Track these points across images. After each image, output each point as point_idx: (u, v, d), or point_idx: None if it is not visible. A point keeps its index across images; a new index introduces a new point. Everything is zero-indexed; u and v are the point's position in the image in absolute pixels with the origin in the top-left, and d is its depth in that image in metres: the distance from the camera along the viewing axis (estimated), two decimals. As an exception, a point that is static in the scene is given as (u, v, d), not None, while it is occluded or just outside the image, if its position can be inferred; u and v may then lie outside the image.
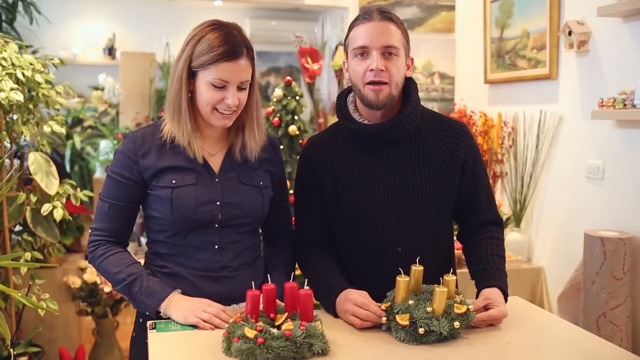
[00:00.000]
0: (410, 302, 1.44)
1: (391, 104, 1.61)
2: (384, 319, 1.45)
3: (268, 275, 1.52)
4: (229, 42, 1.51)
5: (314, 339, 1.31)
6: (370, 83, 1.58)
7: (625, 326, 2.53)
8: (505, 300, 1.56)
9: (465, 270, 1.73)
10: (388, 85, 1.58)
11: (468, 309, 1.44)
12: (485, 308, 1.51)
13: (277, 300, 1.45)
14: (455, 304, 1.44)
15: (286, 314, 1.41)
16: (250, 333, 1.28)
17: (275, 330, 1.31)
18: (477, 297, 1.58)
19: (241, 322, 1.34)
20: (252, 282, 1.46)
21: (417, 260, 1.52)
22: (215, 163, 1.63)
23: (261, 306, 1.42)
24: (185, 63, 1.53)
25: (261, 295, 1.41)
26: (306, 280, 1.51)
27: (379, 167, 1.66)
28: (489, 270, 1.62)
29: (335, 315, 1.57)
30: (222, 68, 1.50)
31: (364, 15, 1.60)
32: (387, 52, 1.57)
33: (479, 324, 1.48)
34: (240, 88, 1.54)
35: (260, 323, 1.34)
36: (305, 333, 1.30)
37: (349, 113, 1.69)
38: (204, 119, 1.59)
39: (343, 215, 1.68)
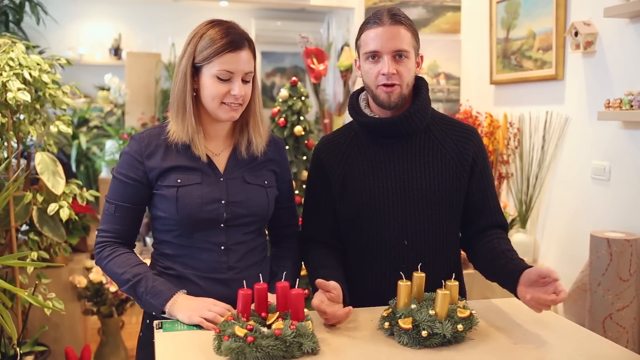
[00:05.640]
0: (413, 306, 1.44)
1: (402, 102, 1.64)
2: (386, 324, 1.45)
3: (260, 275, 1.51)
4: (230, 34, 1.53)
5: (304, 338, 1.31)
6: (382, 85, 1.62)
7: (631, 328, 2.53)
8: None
9: (471, 271, 1.73)
10: (399, 86, 1.62)
11: (471, 313, 1.44)
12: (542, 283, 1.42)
13: (270, 300, 1.45)
14: (459, 309, 1.44)
15: (277, 313, 1.41)
16: (240, 332, 1.28)
17: (265, 329, 1.32)
18: (514, 285, 1.49)
19: (232, 320, 1.35)
20: (244, 282, 1.46)
21: (419, 267, 1.52)
22: (220, 162, 1.63)
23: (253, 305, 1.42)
24: (189, 60, 1.54)
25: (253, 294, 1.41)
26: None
27: (388, 160, 1.68)
28: (516, 259, 1.55)
29: None
30: (226, 59, 1.52)
31: (374, 19, 1.62)
32: (398, 55, 1.60)
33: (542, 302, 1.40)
34: (244, 81, 1.56)
35: (250, 322, 1.34)
36: (295, 332, 1.30)
37: (360, 109, 1.72)
38: (208, 117, 1.60)
39: (351, 207, 1.70)
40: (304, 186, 2.66)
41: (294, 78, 2.86)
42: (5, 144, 2.40)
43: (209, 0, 5.22)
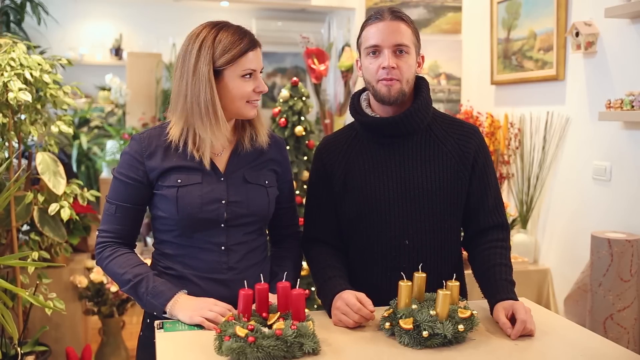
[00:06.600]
0: (414, 306, 1.44)
1: (403, 99, 1.64)
2: (387, 324, 1.45)
3: (261, 275, 1.52)
4: (245, 33, 1.57)
5: (305, 338, 1.32)
6: (382, 79, 1.62)
7: (632, 328, 2.52)
8: None
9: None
10: (399, 82, 1.62)
11: (472, 313, 1.44)
12: (512, 318, 1.50)
13: (270, 300, 1.45)
14: (459, 309, 1.44)
15: (278, 313, 1.41)
16: (241, 332, 1.29)
17: (266, 330, 1.32)
18: (491, 310, 1.57)
19: (233, 320, 1.35)
20: (245, 282, 1.46)
21: (420, 267, 1.53)
22: (221, 162, 1.63)
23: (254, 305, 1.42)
24: (209, 66, 1.53)
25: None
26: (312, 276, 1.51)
27: (389, 159, 1.68)
28: (499, 281, 1.60)
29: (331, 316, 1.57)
30: (249, 58, 1.55)
31: (376, 15, 1.64)
32: (398, 50, 1.61)
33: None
34: None
35: (252, 322, 1.34)
36: (296, 332, 1.31)
37: (361, 109, 1.73)
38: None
39: (352, 207, 1.70)
40: (305, 186, 2.67)
41: (294, 78, 2.86)
42: (7, 144, 2.40)
43: (209, 0, 5.23)
